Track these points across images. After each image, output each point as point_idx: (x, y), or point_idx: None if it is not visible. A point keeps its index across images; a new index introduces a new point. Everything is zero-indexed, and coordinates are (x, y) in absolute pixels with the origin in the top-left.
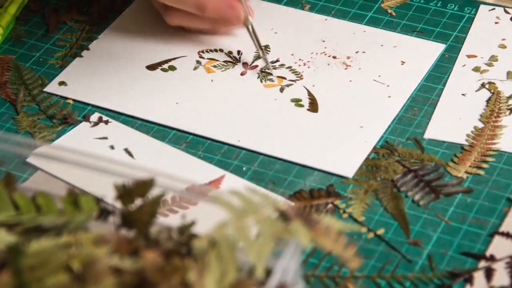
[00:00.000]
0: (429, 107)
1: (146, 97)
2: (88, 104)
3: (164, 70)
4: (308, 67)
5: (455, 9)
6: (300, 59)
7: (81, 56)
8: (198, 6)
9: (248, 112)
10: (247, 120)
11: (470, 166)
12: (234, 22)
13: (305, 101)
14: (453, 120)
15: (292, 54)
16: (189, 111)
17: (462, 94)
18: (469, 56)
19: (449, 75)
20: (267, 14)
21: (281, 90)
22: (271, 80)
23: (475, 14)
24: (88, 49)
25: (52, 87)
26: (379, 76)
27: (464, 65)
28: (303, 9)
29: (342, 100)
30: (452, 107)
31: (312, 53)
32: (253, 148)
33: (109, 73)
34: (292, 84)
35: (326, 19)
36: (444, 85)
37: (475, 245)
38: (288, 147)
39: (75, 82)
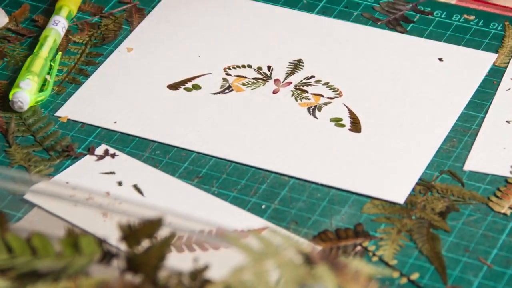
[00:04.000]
0: (470, 137)
1: (169, 120)
2: (103, 129)
3: (187, 89)
4: (348, 82)
5: (499, 28)
6: (337, 74)
7: (86, 76)
8: None
9: (283, 134)
10: (283, 142)
11: None
12: None
13: (346, 121)
14: (496, 150)
15: (329, 68)
16: (219, 134)
17: (507, 121)
18: None
19: (491, 102)
20: (300, 25)
21: (319, 109)
22: (306, 98)
23: None
24: (87, 74)
25: (64, 111)
26: (426, 90)
27: (508, 89)
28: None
29: (386, 119)
30: (495, 136)
31: (351, 66)
32: (292, 174)
33: (125, 94)
34: (331, 102)
35: (365, 29)
36: (486, 113)
37: None
38: (330, 171)
39: (89, 104)
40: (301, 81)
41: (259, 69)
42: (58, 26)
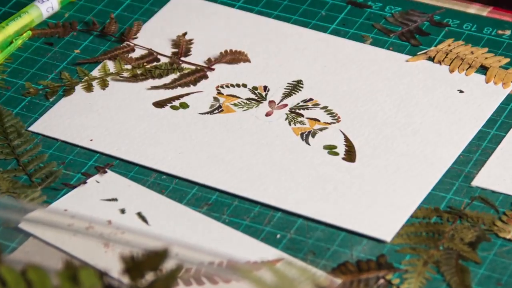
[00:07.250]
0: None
1: (150, 140)
2: (77, 146)
3: (174, 107)
4: (348, 107)
5: None
6: (338, 98)
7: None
8: None
9: (271, 161)
10: (270, 170)
11: None
12: None
13: (341, 149)
14: (511, 168)
15: (329, 92)
16: (202, 158)
17: None
18: None
19: None
20: (305, 43)
21: (313, 134)
22: (301, 122)
23: None
24: (72, 90)
25: (38, 126)
26: (432, 119)
27: None
28: (364, 43)
29: (384, 149)
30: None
31: (353, 90)
32: (275, 204)
33: (107, 110)
34: (327, 128)
35: (374, 50)
36: (498, 130)
37: None
38: (316, 203)
39: (66, 119)
40: (298, 104)
41: (254, 89)
42: (43, 5)
